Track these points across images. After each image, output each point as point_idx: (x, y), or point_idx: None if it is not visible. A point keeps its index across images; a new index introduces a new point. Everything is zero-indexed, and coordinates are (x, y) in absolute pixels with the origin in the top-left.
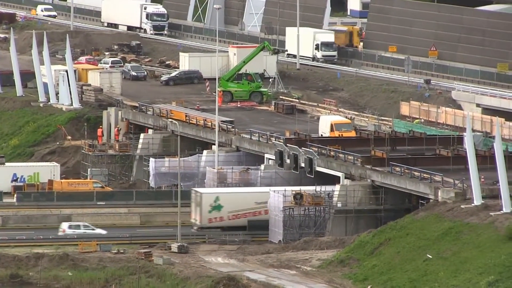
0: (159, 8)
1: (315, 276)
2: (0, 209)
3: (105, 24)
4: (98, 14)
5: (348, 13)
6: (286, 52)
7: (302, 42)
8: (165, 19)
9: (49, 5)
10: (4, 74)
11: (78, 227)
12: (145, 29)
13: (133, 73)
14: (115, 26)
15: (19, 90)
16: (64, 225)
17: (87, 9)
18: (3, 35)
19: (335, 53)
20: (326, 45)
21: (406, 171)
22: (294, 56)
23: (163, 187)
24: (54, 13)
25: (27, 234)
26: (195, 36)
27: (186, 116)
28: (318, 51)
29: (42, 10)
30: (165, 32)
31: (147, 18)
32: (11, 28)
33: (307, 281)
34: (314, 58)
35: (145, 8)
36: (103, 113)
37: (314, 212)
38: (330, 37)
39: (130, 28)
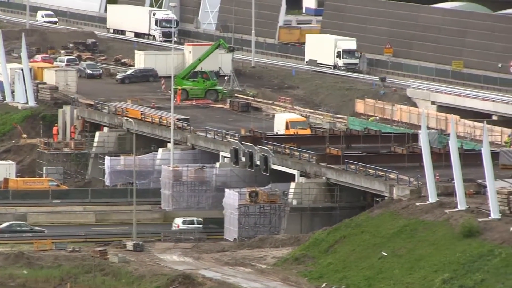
0: (169, 14)
1: (270, 274)
2: None
3: (111, 31)
4: (61, 13)
5: (304, 11)
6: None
7: (323, 49)
8: (174, 26)
9: (2, 4)
10: None
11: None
12: (154, 36)
13: (89, 71)
14: (122, 32)
15: None
16: None
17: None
18: None
19: (357, 61)
20: (348, 52)
21: (361, 168)
22: (317, 64)
23: (118, 185)
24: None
25: None
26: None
27: (141, 114)
28: (340, 59)
29: None
30: (175, 38)
31: (156, 24)
32: None
33: (262, 279)
34: (335, 66)
35: (154, 14)
36: (58, 112)
37: (270, 209)
38: (352, 45)
39: (137, 34)
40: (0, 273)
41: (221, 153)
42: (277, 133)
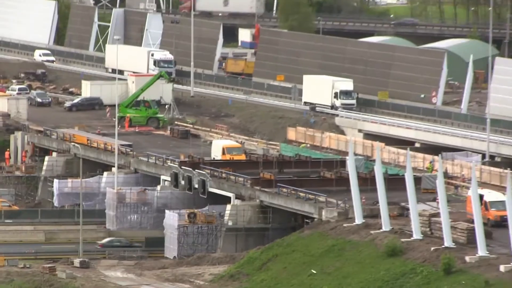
0: (167, 55)
1: None
2: None
3: (109, 70)
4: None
5: (239, 44)
6: (300, 100)
7: (320, 90)
8: (172, 65)
9: None
10: None
11: None
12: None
13: (39, 100)
14: (120, 72)
15: None
16: None
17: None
18: None
19: (354, 101)
20: (345, 93)
21: (293, 192)
22: (313, 105)
23: (66, 206)
24: None
25: None
26: (96, 65)
27: (88, 140)
28: (337, 99)
29: None
30: (173, 78)
31: (154, 64)
32: None
33: None
34: (333, 107)
35: (152, 55)
36: (10, 137)
37: (207, 230)
38: (349, 85)
39: (136, 73)
40: None
41: (162, 177)
42: (214, 158)
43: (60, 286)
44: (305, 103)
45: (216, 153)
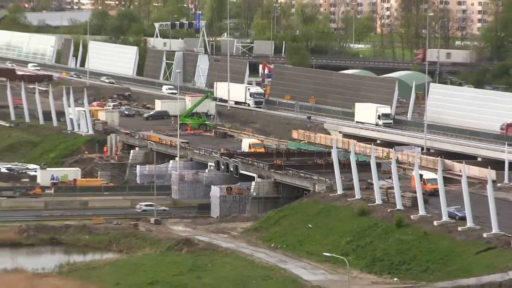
0: (258, 89)
1: (239, 238)
2: (43, 197)
3: (218, 99)
4: (103, 73)
5: (260, 75)
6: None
7: (368, 113)
8: (262, 97)
9: (73, 70)
10: (45, 113)
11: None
12: (249, 103)
13: (126, 112)
14: (225, 101)
15: (54, 122)
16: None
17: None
18: (44, 88)
19: (391, 121)
20: (385, 115)
21: (296, 173)
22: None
23: (145, 183)
24: (73, 74)
25: (60, 213)
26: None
27: (159, 139)
28: (380, 120)
29: (68, 73)
30: (262, 106)
31: (250, 96)
32: (50, 84)
33: (235, 241)
34: (377, 124)
35: (248, 89)
36: (107, 137)
37: (239, 198)
38: (388, 110)
39: (237, 102)
40: (72, 238)
41: (209, 163)
42: (243, 151)
43: (141, 236)
44: (357, 122)
45: (244, 148)
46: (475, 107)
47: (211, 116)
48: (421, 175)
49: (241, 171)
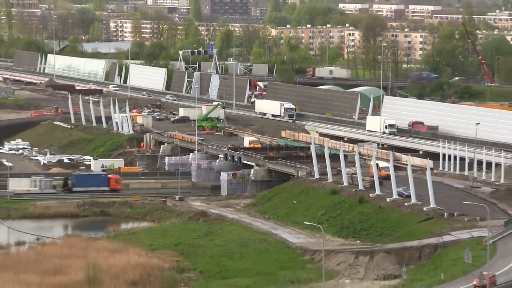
0: (291, 105)
1: (242, 211)
2: None
3: (257, 113)
4: (140, 88)
5: (256, 90)
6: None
7: (377, 123)
8: (294, 111)
9: (116, 85)
10: (97, 118)
11: None
12: (283, 116)
13: (157, 117)
14: (264, 114)
15: (104, 124)
16: None
17: (136, 87)
18: (96, 99)
19: (395, 130)
20: (391, 126)
21: (284, 162)
22: (294, 119)
23: (171, 170)
24: (117, 89)
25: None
26: (186, 99)
27: (182, 137)
28: (386, 129)
29: (113, 87)
30: (294, 118)
31: (284, 110)
32: (100, 96)
33: (238, 213)
34: (384, 133)
35: (283, 105)
36: (143, 136)
37: (242, 181)
38: (393, 121)
39: (274, 115)
40: (117, 211)
41: (219, 155)
42: (245, 146)
43: (169, 210)
44: (368, 130)
45: (246, 144)
46: (415, 113)
47: (221, 120)
48: (377, 164)
49: (243, 161)
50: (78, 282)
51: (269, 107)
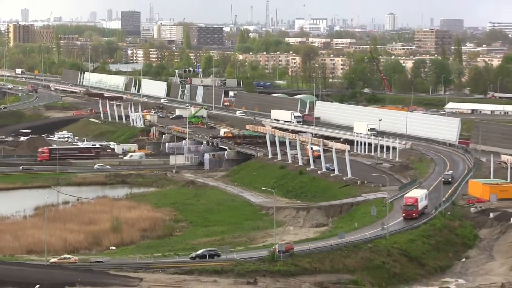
0: (299, 114)
1: (219, 180)
2: (119, 159)
3: (273, 120)
4: (149, 96)
5: (229, 96)
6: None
7: (362, 127)
8: (301, 118)
9: (133, 95)
10: (119, 116)
11: None
12: (292, 121)
13: (161, 115)
14: (277, 121)
15: (124, 120)
16: None
17: (146, 94)
18: (118, 102)
19: (375, 132)
20: (372, 129)
21: (248, 146)
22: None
23: (171, 152)
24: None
25: (127, 167)
26: (182, 103)
27: (178, 129)
28: (368, 131)
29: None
30: (301, 123)
31: (294, 117)
32: (121, 101)
33: (217, 182)
34: (367, 134)
35: (292, 114)
36: (151, 128)
37: (219, 159)
38: (374, 126)
39: (286, 121)
40: (133, 180)
41: (203, 142)
42: (221, 135)
43: (169, 179)
44: (355, 132)
45: (221, 134)
46: (338, 113)
47: (205, 118)
48: (311, 148)
49: (220, 146)
50: (106, 230)
51: (281, 115)
